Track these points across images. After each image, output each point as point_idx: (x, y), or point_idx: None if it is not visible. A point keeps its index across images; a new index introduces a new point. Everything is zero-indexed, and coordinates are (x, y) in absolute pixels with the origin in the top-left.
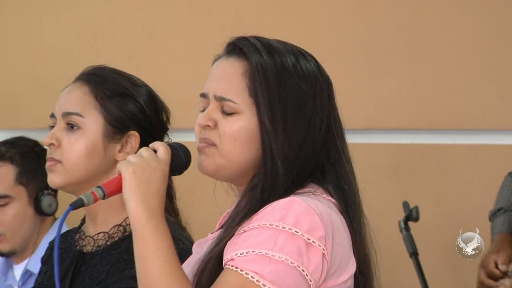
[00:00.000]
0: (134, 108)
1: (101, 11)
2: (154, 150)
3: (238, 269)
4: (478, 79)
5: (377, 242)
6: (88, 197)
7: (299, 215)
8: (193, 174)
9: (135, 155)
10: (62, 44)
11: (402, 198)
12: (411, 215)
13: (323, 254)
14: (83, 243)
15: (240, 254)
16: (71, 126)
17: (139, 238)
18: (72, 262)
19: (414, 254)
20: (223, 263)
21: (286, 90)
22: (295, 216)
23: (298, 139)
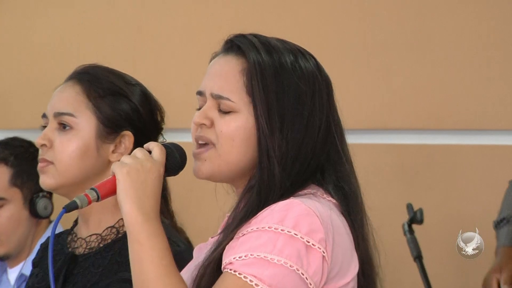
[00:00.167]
0: (127, 107)
1: (94, 10)
2: (149, 150)
3: (236, 272)
4: (485, 78)
5: (381, 244)
6: (81, 199)
7: (299, 217)
8: (192, 174)
9: (129, 156)
10: (54, 43)
11: (407, 200)
12: (415, 218)
13: (323, 256)
14: (75, 245)
15: (238, 257)
16: (63, 126)
17: (134, 241)
18: (63, 264)
19: (419, 258)
20: (222, 267)
21: (284, 89)
22: (294, 218)
23: (296, 139)
